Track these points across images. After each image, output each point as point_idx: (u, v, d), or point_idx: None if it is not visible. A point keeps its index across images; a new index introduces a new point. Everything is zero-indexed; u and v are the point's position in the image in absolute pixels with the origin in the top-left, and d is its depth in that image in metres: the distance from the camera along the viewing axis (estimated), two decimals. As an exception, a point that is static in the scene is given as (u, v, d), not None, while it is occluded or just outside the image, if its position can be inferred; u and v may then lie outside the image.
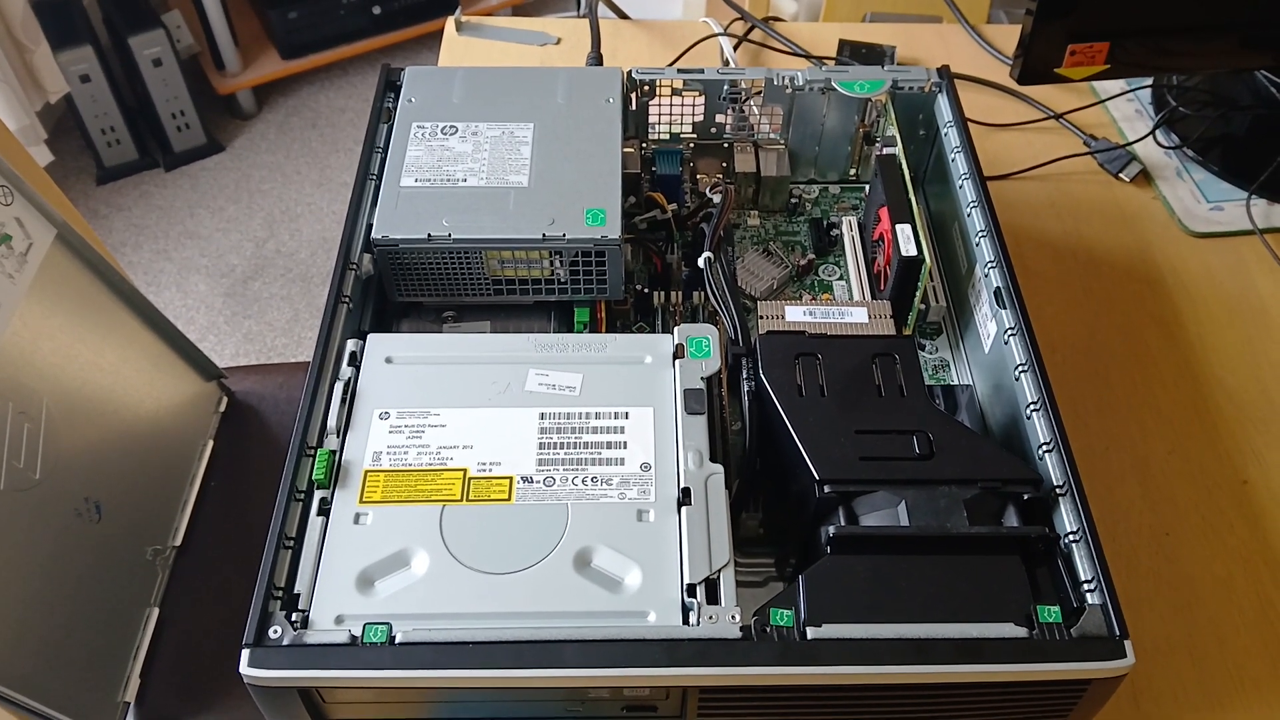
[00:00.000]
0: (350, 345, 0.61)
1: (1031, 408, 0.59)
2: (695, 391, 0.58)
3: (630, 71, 0.77)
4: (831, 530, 0.52)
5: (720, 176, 0.80)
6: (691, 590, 0.51)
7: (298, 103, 2.12)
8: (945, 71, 0.78)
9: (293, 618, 0.49)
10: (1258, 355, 0.79)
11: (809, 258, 0.78)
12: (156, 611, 0.82)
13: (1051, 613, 0.50)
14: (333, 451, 0.56)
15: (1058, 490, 0.56)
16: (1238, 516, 0.70)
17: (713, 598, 0.51)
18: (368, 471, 0.55)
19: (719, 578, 0.51)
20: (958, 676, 0.49)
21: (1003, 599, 0.51)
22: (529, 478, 0.55)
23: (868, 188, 0.82)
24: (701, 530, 0.52)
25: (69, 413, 0.76)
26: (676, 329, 0.61)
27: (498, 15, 1.81)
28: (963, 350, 0.72)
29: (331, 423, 0.57)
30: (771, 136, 0.81)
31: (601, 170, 0.69)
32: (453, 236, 0.65)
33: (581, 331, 0.69)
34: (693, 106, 0.79)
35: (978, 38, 1.04)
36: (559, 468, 0.55)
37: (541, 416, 0.58)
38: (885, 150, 0.77)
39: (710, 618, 0.49)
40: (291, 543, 0.52)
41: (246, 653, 0.48)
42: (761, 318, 0.65)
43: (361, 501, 0.54)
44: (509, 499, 0.54)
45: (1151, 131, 0.93)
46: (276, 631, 0.48)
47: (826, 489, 0.54)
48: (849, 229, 0.79)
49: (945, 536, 0.52)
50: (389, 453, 0.56)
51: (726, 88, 0.78)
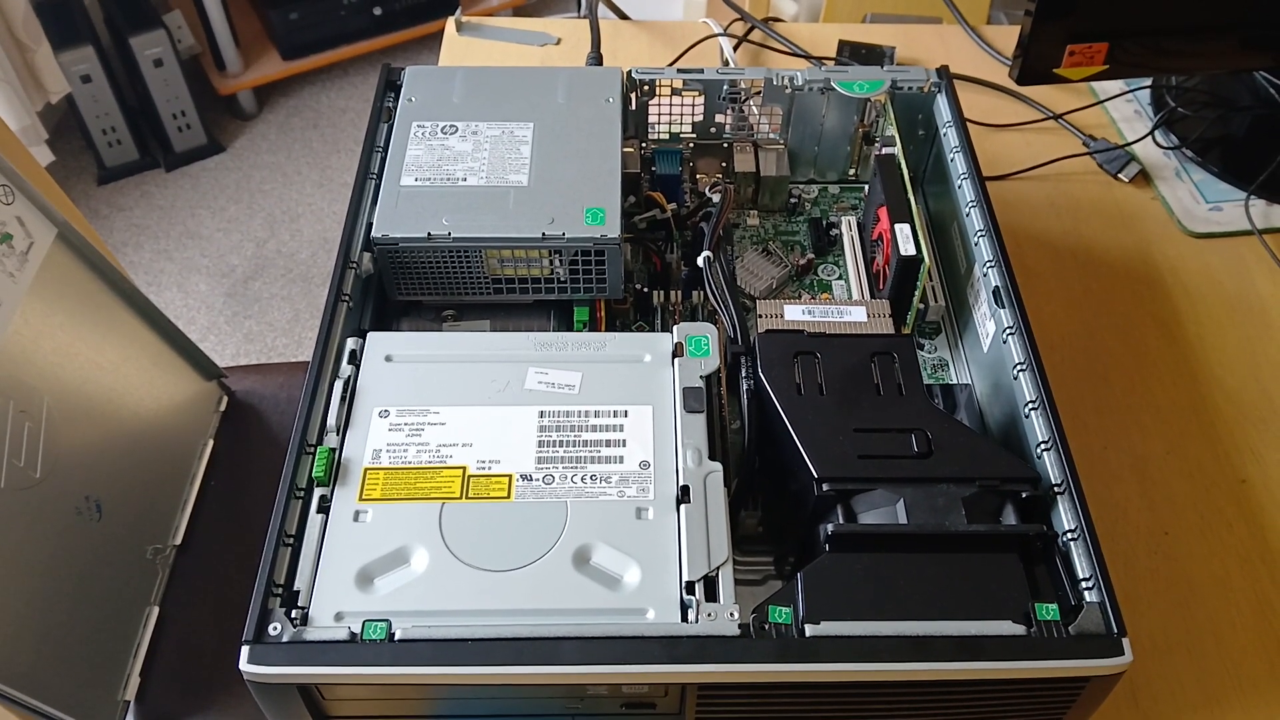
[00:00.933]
0: (350, 343, 0.61)
1: (1030, 406, 0.60)
2: (694, 390, 0.58)
3: (630, 71, 0.78)
4: (830, 528, 0.53)
5: (720, 176, 0.81)
6: (690, 588, 0.51)
7: (298, 103, 2.13)
8: (944, 72, 0.78)
9: (292, 615, 0.49)
10: (1256, 355, 0.79)
11: (808, 257, 0.78)
12: (157, 610, 0.82)
13: (1049, 610, 0.50)
14: (333, 449, 0.56)
15: (1056, 488, 0.56)
16: (1236, 515, 0.70)
17: (711, 595, 0.51)
18: (367, 469, 0.55)
19: (718, 575, 0.51)
20: (956, 674, 0.49)
21: (1001, 597, 0.51)
22: (528, 475, 0.55)
23: (867, 188, 0.82)
24: (700, 528, 0.53)
25: (70, 412, 0.76)
26: (676, 328, 0.61)
27: (498, 16, 1.81)
28: (961, 349, 0.73)
29: (331, 420, 0.57)
30: (771, 136, 0.81)
31: (601, 170, 0.69)
32: (452, 235, 0.65)
33: (581, 330, 0.69)
34: (692, 106, 0.79)
35: (977, 38, 1.04)
36: (558, 466, 0.56)
37: (541, 415, 0.58)
38: (884, 150, 0.77)
39: (709, 615, 0.50)
40: (291, 540, 0.52)
41: (246, 649, 0.48)
42: (760, 317, 0.65)
43: (361, 499, 0.54)
44: (508, 497, 0.54)
45: (1150, 132, 0.93)
46: (276, 628, 0.49)
47: (825, 487, 0.54)
48: (848, 229, 0.79)
49: (943, 534, 0.53)
50: (389, 450, 0.56)
51: (726, 88, 0.78)
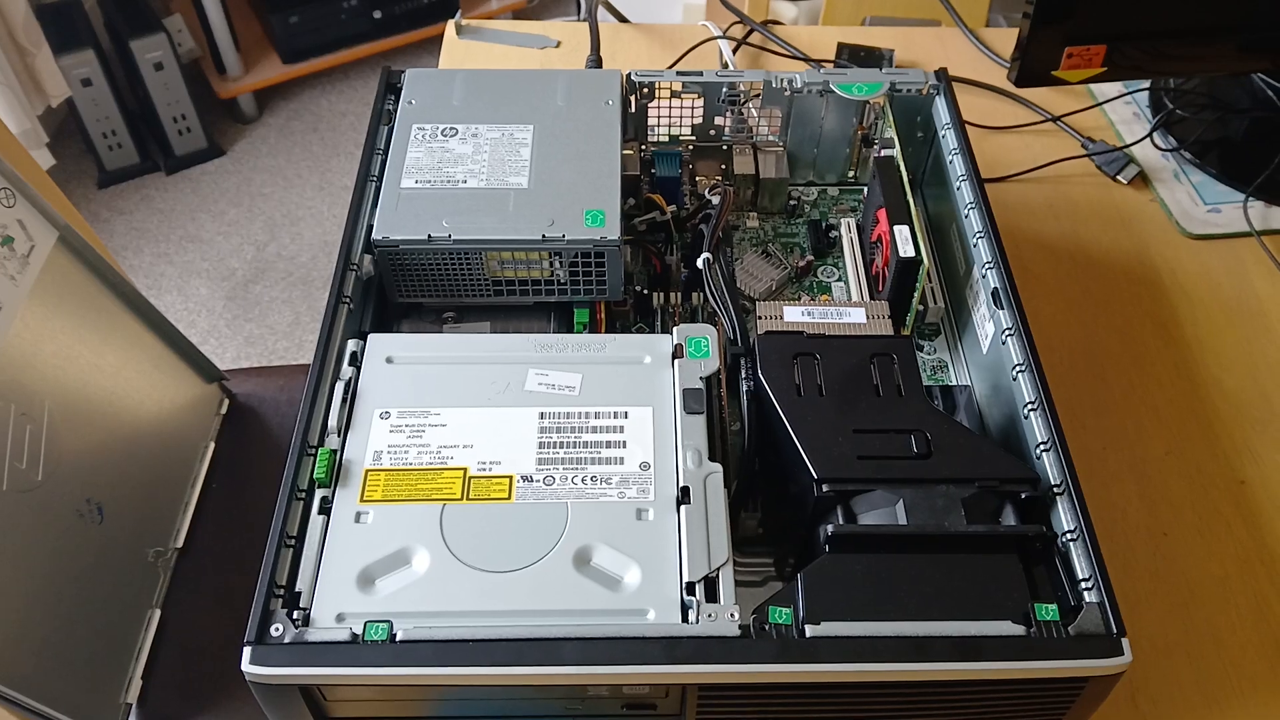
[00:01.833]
0: (351, 345, 0.61)
1: (1029, 407, 0.60)
2: (694, 391, 0.59)
3: (630, 74, 0.78)
4: (830, 529, 0.53)
5: (719, 178, 0.81)
6: (690, 588, 0.51)
7: (299, 107, 2.13)
8: (943, 74, 0.78)
9: (294, 616, 0.49)
10: (1255, 356, 0.79)
11: (807, 259, 0.78)
12: (158, 613, 0.82)
13: (1049, 611, 0.50)
14: (334, 451, 0.56)
15: (1055, 489, 0.56)
16: (1235, 516, 0.70)
17: (712, 596, 0.51)
18: (368, 471, 0.56)
19: (718, 576, 0.51)
20: (956, 674, 0.49)
21: (1000, 597, 0.51)
22: (529, 477, 0.55)
23: (866, 189, 0.82)
24: (700, 529, 0.53)
25: (71, 415, 0.76)
26: (675, 329, 0.61)
27: (498, 19, 1.81)
28: (961, 351, 0.73)
29: (332, 422, 0.57)
30: (770, 139, 0.81)
31: (601, 172, 0.69)
32: (453, 237, 0.65)
33: (581, 332, 0.69)
34: (692, 109, 0.79)
35: (976, 41, 1.04)
36: (559, 467, 0.56)
37: (541, 416, 0.58)
38: (883, 152, 0.77)
39: (709, 616, 0.50)
40: (293, 541, 0.52)
41: (248, 650, 0.48)
42: (760, 318, 0.65)
43: (362, 500, 0.54)
44: (509, 498, 0.54)
45: (1149, 134, 0.93)
46: (278, 629, 0.49)
47: (825, 488, 0.54)
48: (847, 230, 0.79)
49: (943, 535, 0.53)
50: (389, 452, 0.56)
51: (725, 90, 0.78)
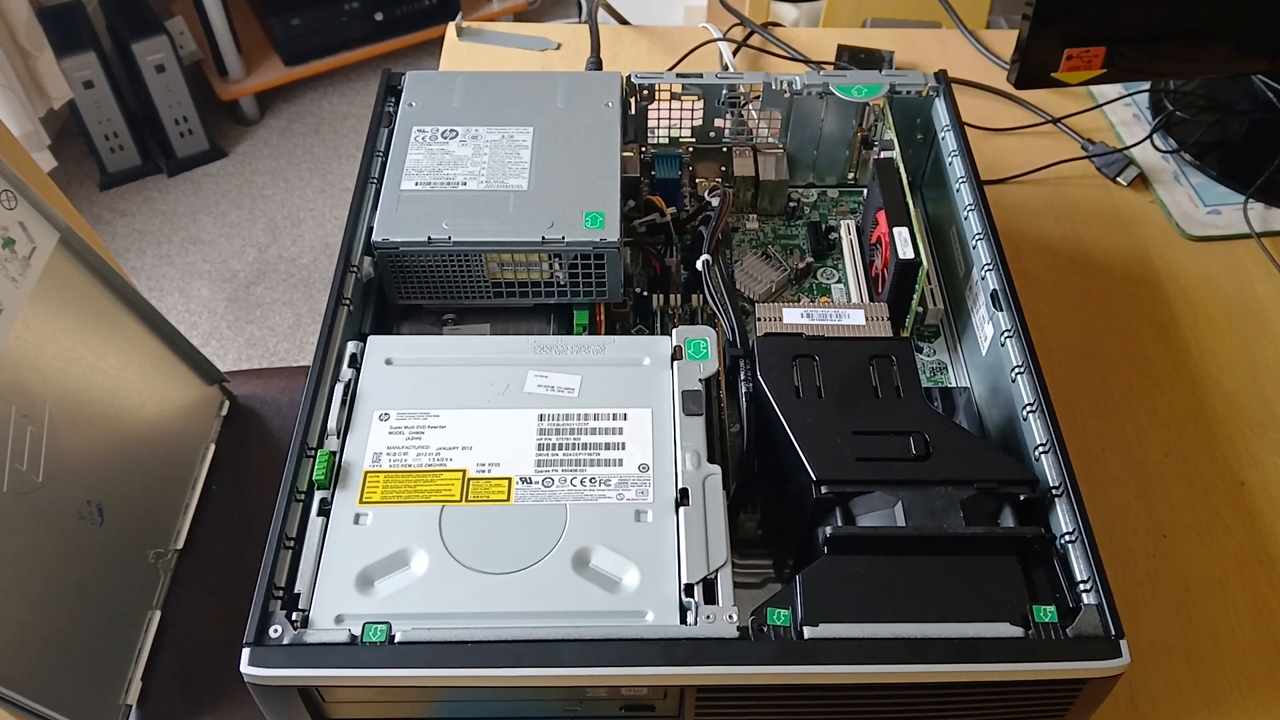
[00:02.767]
0: (351, 347, 0.61)
1: (1028, 409, 0.60)
2: (693, 393, 0.59)
3: (630, 76, 0.78)
4: (828, 530, 0.53)
5: (719, 180, 0.81)
6: (689, 590, 0.51)
7: (300, 109, 2.13)
8: (942, 76, 0.78)
9: (293, 617, 0.49)
10: (1255, 358, 0.79)
11: (807, 261, 0.78)
12: (158, 614, 0.82)
13: (1047, 613, 0.50)
14: (333, 452, 0.56)
15: (1054, 491, 0.56)
16: (1234, 518, 0.70)
17: (710, 597, 0.51)
18: (368, 472, 0.56)
19: (716, 578, 0.51)
20: (954, 676, 0.49)
21: (999, 599, 0.51)
22: (528, 478, 0.55)
23: (865, 191, 0.82)
24: (699, 530, 0.53)
25: (72, 416, 0.76)
26: (675, 331, 0.61)
27: (499, 21, 1.82)
28: (960, 353, 0.73)
29: (332, 424, 0.57)
30: (770, 140, 0.82)
31: (601, 174, 0.69)
32: (452, 239, 0.65)
33: (580, 334, 0.69)
34: (691, 111, 0.80)
35: (976, 43, 1.04)
36: (558, 468, 0.56)
37: (540, 418, 0.58)
38: (883, 154, 0.77)
39: (708, 617, 0.50)
40: (292, 543, 0.53)
41: (247, 652, 0.48)
42: (759, 320, 0.65)
43: (361, 502, 0.54)
44: (508, 500, 0.55)
45: (1149, 136, 0.93)
46: (277, 631, 0.49)
47: (823, 489, 0.54)
48: (847, 232, 0.79)
49: (942, 537, 0.53)
50: (389, 454, 0.56)
51: (725, 92, 0.78)
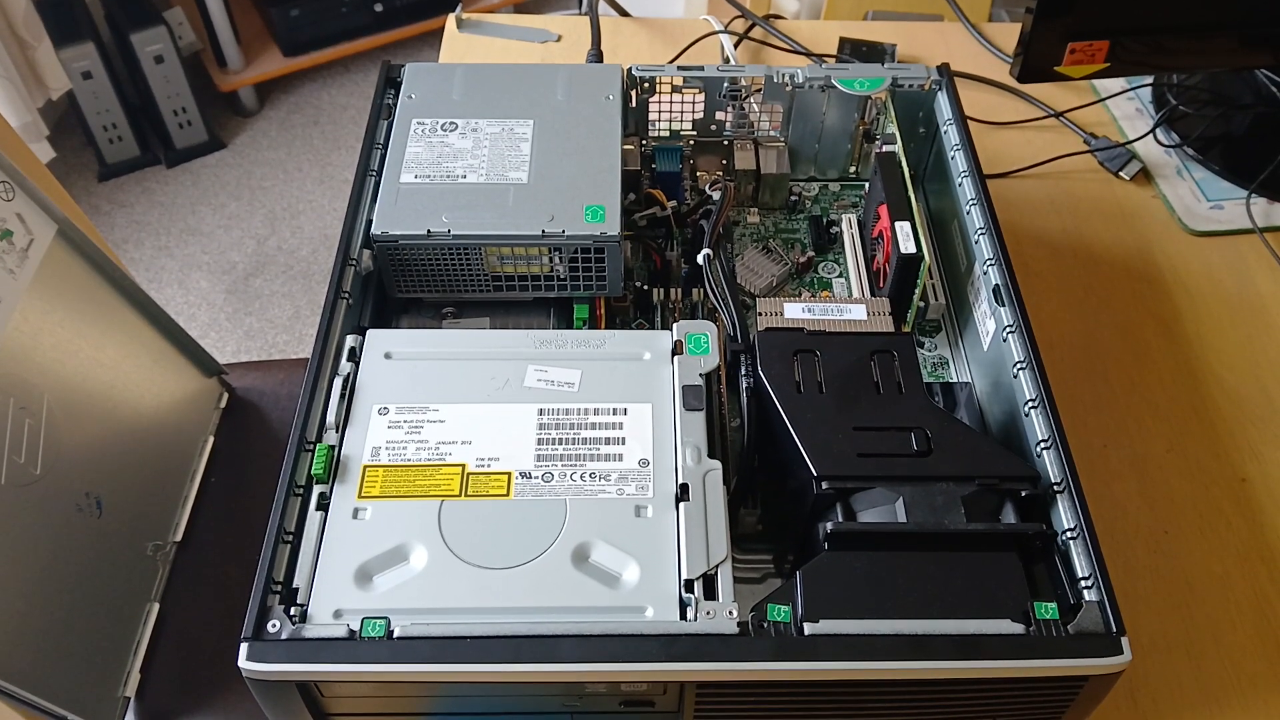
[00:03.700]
0: (350, 341, 0.61)
1: (1030, 405, 0.60)
2: (694, 388, 0.58)
3: (630, 68, 0.77)
4: (829, 526, 0.53)
5: (720, 174, 0.81)
6: (689, 586, 0.51)
7: (299, 100, 2.12)
8: (945, 69, 0.78)
9: (291, 612, 0.49)
10: (1257, 354, 0.79)
11: (808, 255, 0.78)
12: (157, 607, 0.82)
13: (1048, 609, 0.50)
14: (332, 446, 0.56)
15: (1055, 487, 0.56)
16: (1236, 514, 0.70)
17: (710, 593, 0.51)
18: (366, 466, 0.55)
19: (716, 573, 0.51)
20: (955, 673, 0.49)
21: (1000, 595, 0.51)
22: (527, 473, 0.55)
23: (867, 185, 0.82)
24: (699, 526, 0.53)
25: (70, 408, 0.76)
26: (675, 325, 0.61)
27: (499, 13, 1.81)
28: (962, 348, 0.73)
29: (331, 418, 0.57)
30: (771, 134, 0.81)
31: (601, 167, 0.69)
32: (452, 233, 0.65)
33: (581, 328, 0.69)
34: (693, 104, 0.79)
35: (978, 36, 1.04)
36: (557, 463, 0.56)
37: (540, 412, 0.58)
38: (885, 148, 0.77)
39: (708, 613, 0.50)
40: (290, 537, 0.52)
41: (245, 646, 0.48)
42: (760, 314, 0.65)
43: (360, 496, 0.54)
44: (507, 494, 0.54)
45: (1152, 130, 0.93)
46: (275, 625, 0.49)
47: (824, 485, 0.54)
48: (848, 226, 0.79)
49: (943, 533, 0.53)
50: (388, 448, 0.56)
51: (726, 85, 0.78)
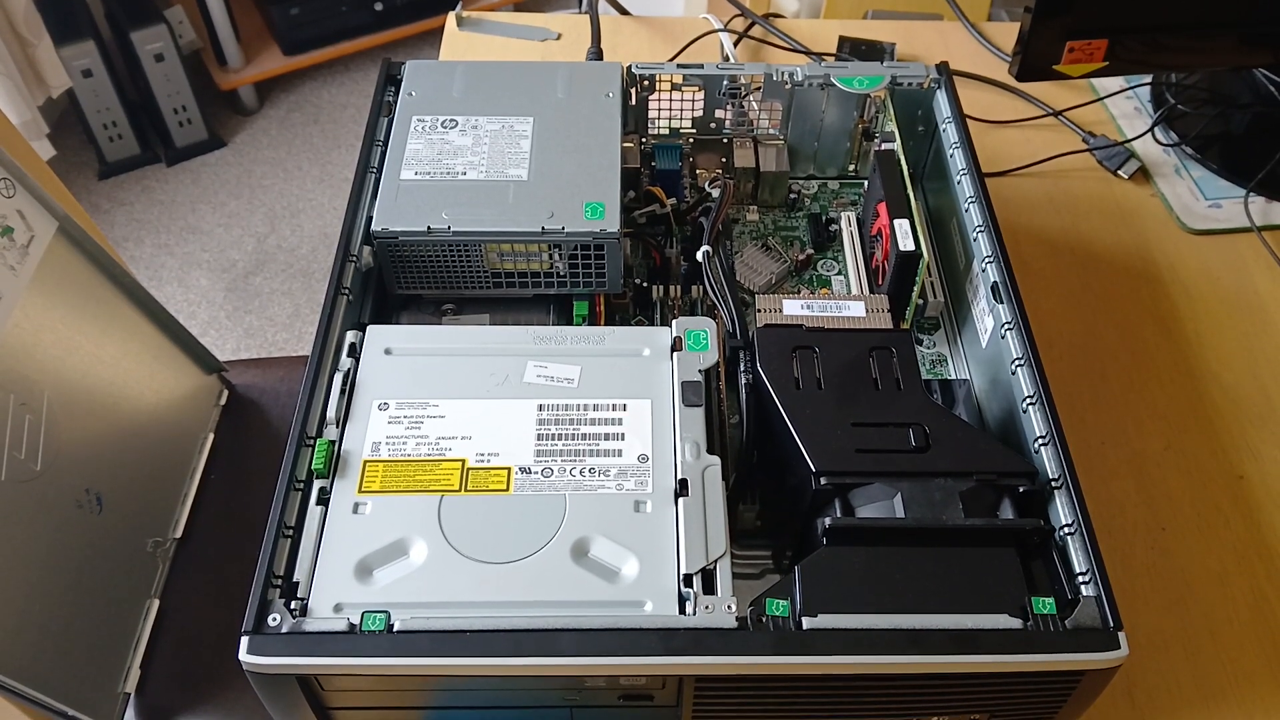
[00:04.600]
0: (350, 336, 0.61)
1: (1028, 401, 0.60)
2: (693, 384, 0.59)
3: (630, 66, 0.78)
4: (827, 522, 0.53)
5: (719, 171, 0.81)
6: (688, 580, 0.51)
7: (299, 98, 2.13)
8: (944, 68, 0.78)
9: (292, 606, 0.49)
10: (1254, 352, 0.79)
11: (807, 253, 0.78)
12: (157, 603, 0.82)
13: (1046, 604, 0.50)
14: (332, 441, 0.56)
15: (1053, 483, 0.56)
16: (1233, 511, 0.70)
17: (709, 588, 0.51)
18: (366, 461, 0.56)
19: (715, 568, 0.51)
20: (952, 667, 0.49)
21: (997, 591, 0.51)
22: (527, 468, 0.55)
23: (866, 183, 0.82)
24: (698, 521, 0.53)
25: (70, 405, 0.76)
26: (675, 322, 0.61)
27: (499, 11, 1.81)
28: (960, 345, 0.73)
29: (331, 413, 0.57)
30: (771, 132, 0.81)
31: (601, 164, 0.69)
32: (452, 229, 0.65)
33: (580, 324, 0.69)
34: (692, 102, 0.79)
35: (977, 35, 1.04)
36: (557, 459, 0.56)
37: (540, 408, 0.58)
38: (884, 146, 0.77)
39: (706, 608, 0.50)
40: (291, 532, 0.53)
41: (246, 640, 0.48)
42: (759, 311, 0.65)
43: (360, 491, 0.54)
44: (507, 489, 0.54)
45: (1150, 129, 0.93)
46: (275, 619, 0.49)
47: (823, 481, 0.54)
48: (847, 224, 0.79)
49: (941, 528, 0.53)
50: (388, 443, 0.56)
51: (726, 83, 0.78)
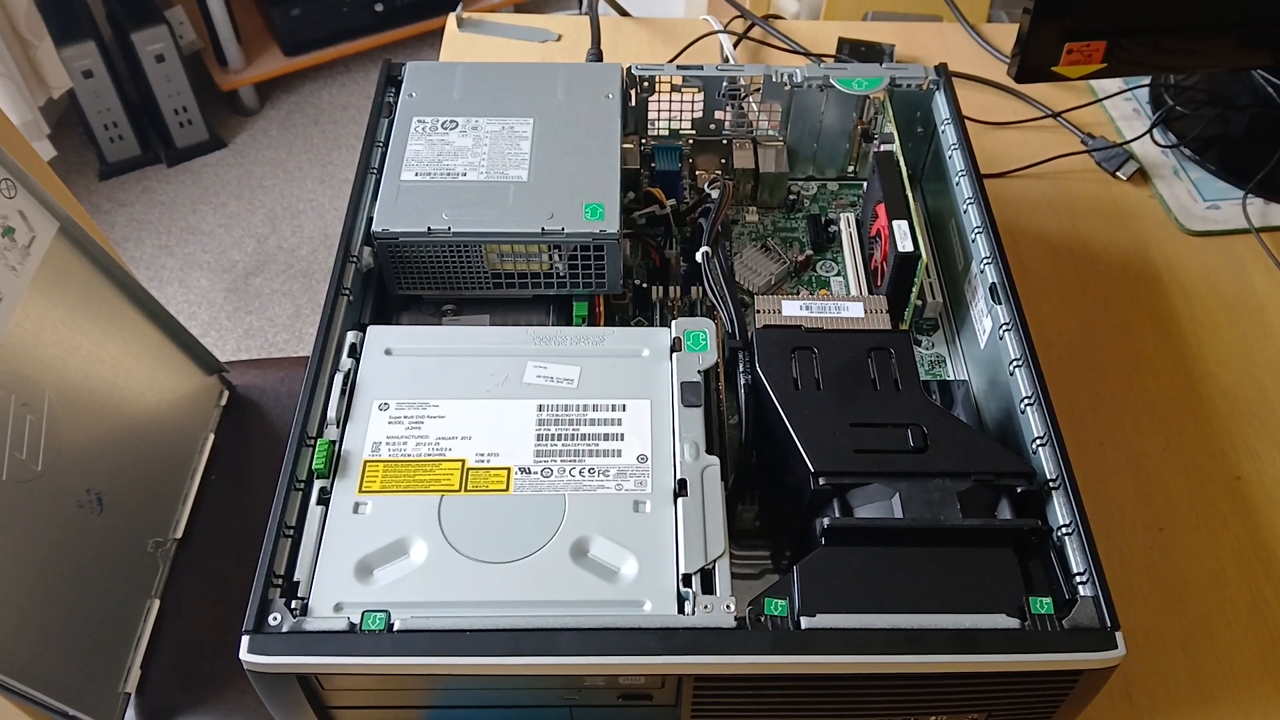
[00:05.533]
0: (350, 337, 0.61)
1: (1026, 402, 0.60)
2: (692, 384, 0.59)
3: (630, 68, 0.78)
4: (826, 522, 0.53)
5: (719, 172, 0.81)
6: (687, 580, 0.51)
7: (300, 99, 2.13)
8: (943, 69, 0.78)
9: (292, 605, 0.50)
10: (1252, 352, 0.79)
11: (807, 253, 0.78)
12: (157, 603, 0.82)
13: (1043, 604, 0.50)
14: (332, 442, 0.56)
15: (1051, 484, 0.56)
16: (1231, 512, 0.70)
17: (708, 588, 0.51)
18: (367, 461, 0.56)
19: (714, 568, 0.52)
20: (950, 666, 0.49)
21: (995, 590, 0.51)
22: (527, 469, 0.55)
23: (865, 184, 0.82)
24: (697, 521, 0.53)
25: (71, 405, 0.76)
26: (674, 323, 0.61)
27: (499, 12, 1.81)
28: (959, 346, 0.73)
29: (331, 413, 0.57)
30: (770, 133, 0.82)
31: (601, 165, 0.69)
32: (452, 230, 0.65)
33: (580, 325, 0.69)
34: (692, 103, 0.80)
35: (977, 37, 1.04)
36: (556, 459, 0.56)
37: (540, 408, 0.58)
38: (883, 147, 0.77)
39: (705, 607, 0.50)
40: (291, 531, 0.53)
41: (246, 639, 0.48)
42: (759, 312, 0.65)
43: (361, 491, 0.55)
44: (507, 489, 0.55)
45: (1149, 130, 0.93)
46: (276, 618, 0.49)
47: (821, 481, 0.54)
48: (846, 225, 0.80)
49: (939, 529, 0.53)
50: (388, 443, 0.57)
51: (725, 84, 0.78)
